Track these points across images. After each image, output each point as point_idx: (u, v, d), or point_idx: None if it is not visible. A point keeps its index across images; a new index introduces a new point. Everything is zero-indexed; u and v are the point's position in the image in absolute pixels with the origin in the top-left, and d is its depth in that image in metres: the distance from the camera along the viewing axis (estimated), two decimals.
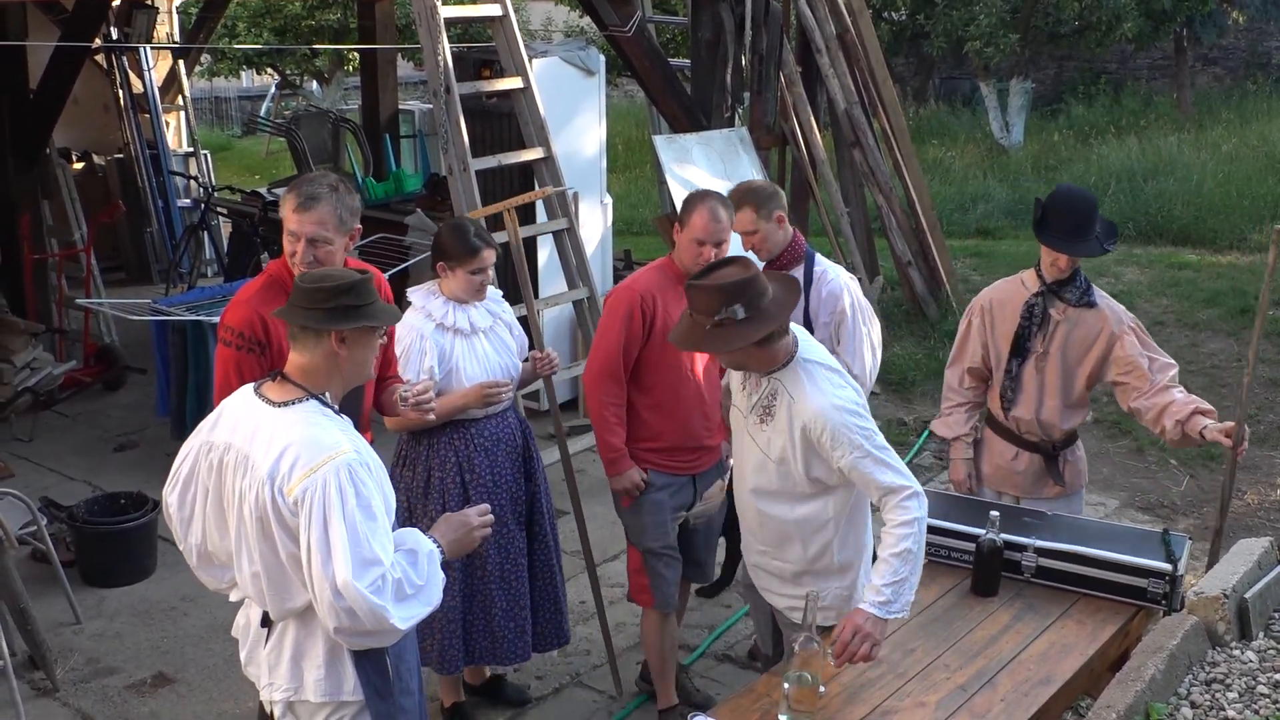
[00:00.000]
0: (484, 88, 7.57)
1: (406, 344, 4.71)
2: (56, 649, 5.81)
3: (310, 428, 3.23)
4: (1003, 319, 5.14)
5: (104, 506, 6.63)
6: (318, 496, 3.13)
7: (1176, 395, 4.94)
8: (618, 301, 4.82)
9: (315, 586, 3.16)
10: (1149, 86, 21.54)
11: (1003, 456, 5.24)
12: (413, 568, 3.27)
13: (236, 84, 28.43)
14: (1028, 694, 3.90)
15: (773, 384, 3.93)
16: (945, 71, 24.04)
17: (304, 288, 3.28)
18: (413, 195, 10.95)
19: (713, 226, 4.66)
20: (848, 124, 10.42)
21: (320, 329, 3.26)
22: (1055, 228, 4.97)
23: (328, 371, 3.33)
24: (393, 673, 3.44)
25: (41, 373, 8.72)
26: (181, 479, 3.48)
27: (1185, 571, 4.47)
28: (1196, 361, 9.65)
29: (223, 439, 3.34)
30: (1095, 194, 5.86)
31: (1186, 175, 14.74)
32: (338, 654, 3.36)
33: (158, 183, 12.99)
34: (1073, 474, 5.20)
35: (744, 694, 3.94)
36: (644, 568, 5.02)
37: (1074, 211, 5.00)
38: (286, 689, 3.40)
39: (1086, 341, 5.02)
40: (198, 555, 3.54)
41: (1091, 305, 5.02)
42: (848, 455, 3.82)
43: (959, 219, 14.56)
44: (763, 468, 4.04)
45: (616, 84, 23.46)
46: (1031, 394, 5.11)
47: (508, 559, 4.96)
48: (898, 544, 3.77)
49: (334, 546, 3.12)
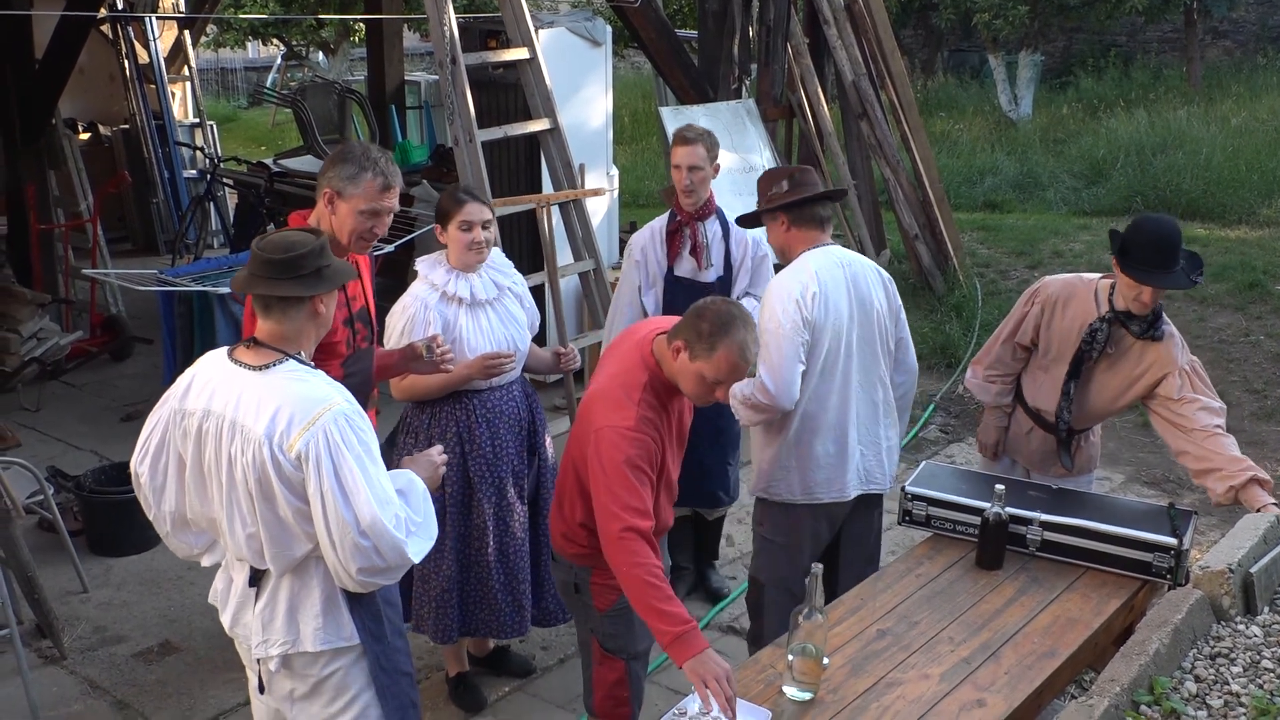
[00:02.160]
0: (490, 58, 7.54)
1: (411, 313, 4.71)
2: (64, 617, 5.83)
3: (298, 384, 3.28)
4: (1062, 325, 4.93)
5: (111, 476, 6.66)
6: (322, 447, 3.19)
7: (1225, 448, 4.71)
8: (631, 448, 3.79)
9: (334, 532, 3.22)
10: (1158, 60, 21.42)
11: (1018, 427, 5.22)
12: (409, 505, 3.38)
13: (242, 55, 28.34)
14: (1032, 667, 3.89)
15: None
16: (954, 44, 23.93)
17: (276, 259, 3.28)
18: (419, 167, 10.92)
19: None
20: (855, 96, 10.38)
21: (303, 296, 3.30)
22: (1140, 259, 4.62)
23: (307, 332, 3.40)
24: (383, 616, 3.55)
25: (48, 343, 8.74)
26: (152, 449, 3.51)
27: (1190, 546, 4.45)
28: (1204, 336, 9.62)
29: (198, 406, 3.35)
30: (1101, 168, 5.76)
31: (1196, 149, 14.66)
32: (333, 602, 3.43)
33: (164, 153, 13.00)
34: (1084, 459, 5.14)
35: (748, 666, 3.92)
36: (626, 677, 4.20)
37: (1161, 241, 4.63)
38: (284, 642, 3.44)
39: (1132, 373, 4.84)
40: (172, 522, 3.58)
41: (1157, 339, 4.78)
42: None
43: (966, 192, 14.53)
44: None
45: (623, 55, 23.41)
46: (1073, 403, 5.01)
47: (506, 532, 4.96)
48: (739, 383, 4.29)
49: (352, 490, 3.21)
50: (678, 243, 5.49)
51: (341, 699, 3.51)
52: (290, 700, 3.55)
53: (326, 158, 4.12)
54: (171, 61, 14.20)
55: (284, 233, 3.45)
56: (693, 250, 5.47)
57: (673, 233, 5.49)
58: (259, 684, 3.58)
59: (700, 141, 5.35)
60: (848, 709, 3.65)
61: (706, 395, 3.84)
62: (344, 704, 3.52)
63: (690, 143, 5.35)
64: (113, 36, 12.91)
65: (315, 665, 3.47)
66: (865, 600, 4.34)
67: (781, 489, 4.69)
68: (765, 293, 4.57)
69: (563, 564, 4.17)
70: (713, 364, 3.72)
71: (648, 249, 5.50)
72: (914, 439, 8.22)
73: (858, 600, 4.35)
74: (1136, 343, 4.78)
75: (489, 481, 4.89)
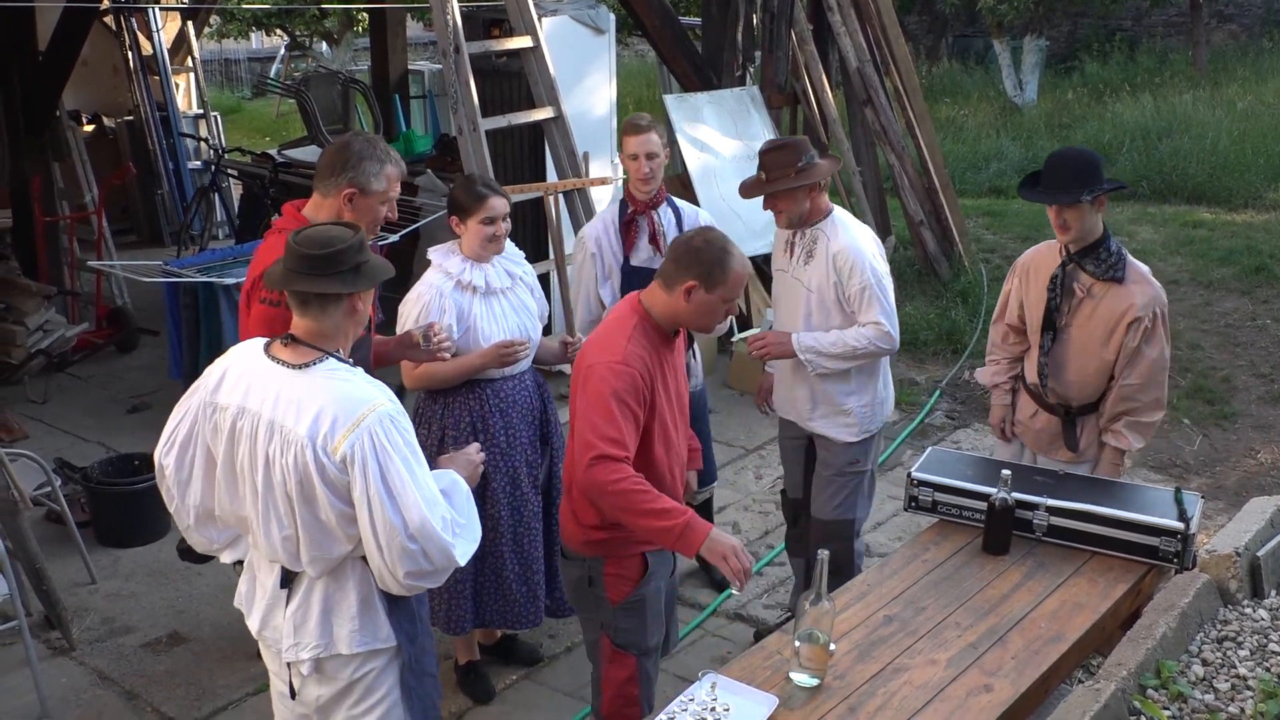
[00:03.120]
0: (493, 47, 7.54)
1: (426, 301, 4.71)
2: (72, 609, 5.84)
3: (340, 384, 3.22)
4: (1035, 285, 5.04)
5: (118, 467, 6.68)
6: (368, 449, 3.14)
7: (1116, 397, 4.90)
8: (618, 381, 3.81)
9: (381, 536, 3.18)
10: (1164, 44, 21.34)
11: (1023, 412, 5.23)
12: (453, 506, 3.34)
13: (246, 45, 28.30)
14: (1039, 652, 3.88)
15: (814, 233, 4.93)
16: (958, 29, 23.84)
17: (316, 254, 3.19)
18: (423, 156, 10.91)
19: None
20: (860, 82, 10.36)
21: (341, 293, 3.23)
22: (1028, 182, 4.89)
23: (345, 330, 3.33)
24: (416, 615, 3.52)
25: (54, 335, 8.74)
26: (179, 441, 3.45)
27: (1197, 530, 4.44)
28: (1210, 320, 9.60)
29: (232, 402, 3.29)
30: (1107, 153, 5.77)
31: (1201, 133, 14.63)
32: (369, 604, 3.39)
33: (168, 145, 13.00)
34: (1089, 442, 5.08)
35: (755, 652, 3.92)
36: (637, 675, 4.13)
37: (1052, 161, 4.82)
38: (316, 645, 3.39)
39: (1110, 322, 4.82)
40: (196, 516, 3.52)
41: (1119, 281, 4.79)
42: (856, 282, 4.82)
43: (972, 178, 14.50)
44: (805, 303, 4.95)
45: (627, 43, 23.36)
46: (1050, 363, 5.04)
47: (520, 522, 4.97)
48: (851, 336, 4.87)
49: (399, 493, 3.16)
50: (634, 233, 5.50)
51: (369, 700, 3.48)
52: (317, 704, 3.50)
53: (328, 154, 4.09)
54: (175, 52, 14.20)
55: (321, 227, 3.37)
56: (651, 239, 5.49)
57: (628, 223, 5.50)
58: (289, 690, 3.52)
59: (653, 129, 5.39)
60: (854, 694, 3.65)
61: (721, 318, 4.00)
62: (370, 705, 3.48)
63: (644, 130, 5.36)
64: (116, 28, 12.91)
65: (348, 668, 3.43)
66: (872, 586, 4.34)
67: (877, 422, 5.17)
68: (850, 249, 4.84)
69: (574, 559, 4.10)
70: (729, 285, 3.88)
71: (601, 241, 5.48)
72: (920, 425, 8.21)
73: (864, 586, 4.35)
74: (1110, 288, 4.79)
75: (503, 471, 4.90)
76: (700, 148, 9.11)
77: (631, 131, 5.38)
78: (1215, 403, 8.35)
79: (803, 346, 4.92)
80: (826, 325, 4.95)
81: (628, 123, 5.43)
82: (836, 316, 4.93)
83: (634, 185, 5.45)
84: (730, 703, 3.55)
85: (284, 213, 4.20)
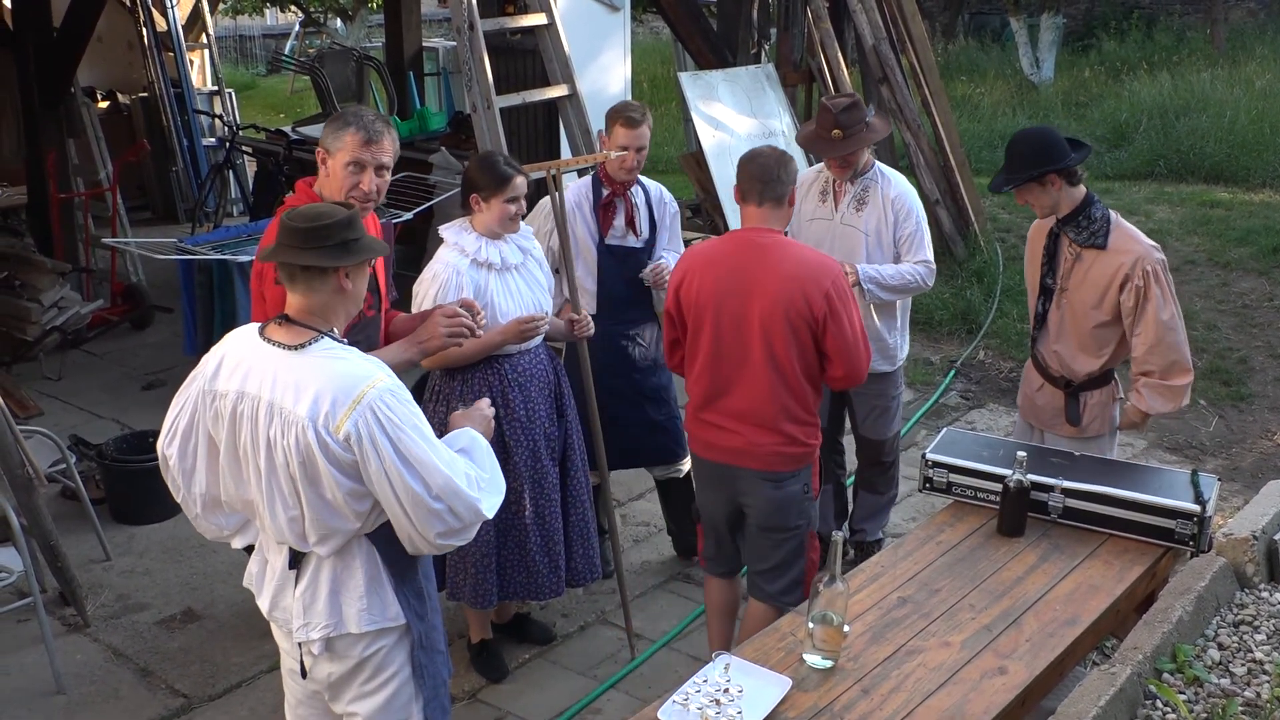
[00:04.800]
0: (508, 24, 7.50)
1: (443, 279, 4.69)
2: (87, 585, 5.86)
3: (337, 363, 3.21)
4: (1032, 256, 5.15)
5: (133, 444, 6.67)
6: (374, 425, 3.14)
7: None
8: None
9: (406, 505, 3.20)
10: (1182, 21, 21.20)
11: (1030, 385, 5.25)
12: (476, 462, 3.38)
13: (260, 22, 28.35)
14: (1053, 634, 3.89)
15: (864, 181, 5.44)
16: (975, 6, 23.73)
17: (302, 227, 3.21)
18: (437, 134, 10.89)
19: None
20: (875, 60, 10.30)
21: (327, 267, 3.23)
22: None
23: (335, 308, 3.32)
24: (424, 592, 3.52)
25: (69, 312, 8.75)
26: (180, 430, 3.45)
27: (1214, 512, 4.43)
28: (1227, 301, 9.56)
29: (231, 387, 3.29)
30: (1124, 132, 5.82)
31: (1219, 112, 14.51)
32: (377, 581, 3.39)
33: (182, 121, 12.99)
34: (1091, 417, 5.07)
35: (769, 634, 3.94)
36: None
37: (1011, 150, 5.01)
38: (325, 625, 3.39)
39: (1101, 284, 4.85)
40: (203, 504, 3.53)
41: (1101, 248, 4.84)
42: (909, 225, 5.40)
43: (988, 157, 14.38)
44: (863, 246, 5.42)
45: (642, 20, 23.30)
46: (1052, 329, 5.08)
47: (542, 494, 4.98)
48: (904, 269, 5.39)
49: (418, 460, 3.18)
50: (611, 214, 5.56)
51: (379, 677, 3.48)
52: (328, 681, 3.51)
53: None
54: (189, 29, 14.19)
55: (313, 204, 3.39)
56: (629, 220, 5.57)
57: (605, 205, 5.54)
58: (300, 669, 3.52)
59: (645, 121, 5.46)
60: (868, 676, 3.66)
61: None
62: (380, 682, 3.49)
63: (639, 124, 5.41)
64: (130, 4, 12.88)
65: (358, 646, 3.43)
66: (886, 568, 4.35)
67: (905, 352, 5.80)
68: (905, 195, 5.45)
69: (789, 476, 4.52)
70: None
71: (576, 212, 5.52)
72: (935, 405, 8.19)
73: (878, 568, 4.36)
74: (1097, 254, 4.86)
75: (524, 444, 4.91)
76: (715, 126, 9.08)
77: (628, 124, 5.39)
78: (1232, 384, 8.31)
79: (866, 276, 5.29)
80: (881, 264, 5.42)
81: (622, 114, 5.43)
82: (889, 255, 5.44)
83: (616, 171, 5.49)
84: (744, 684, 3.56)
85: (296, 189, 4.19)
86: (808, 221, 5.55)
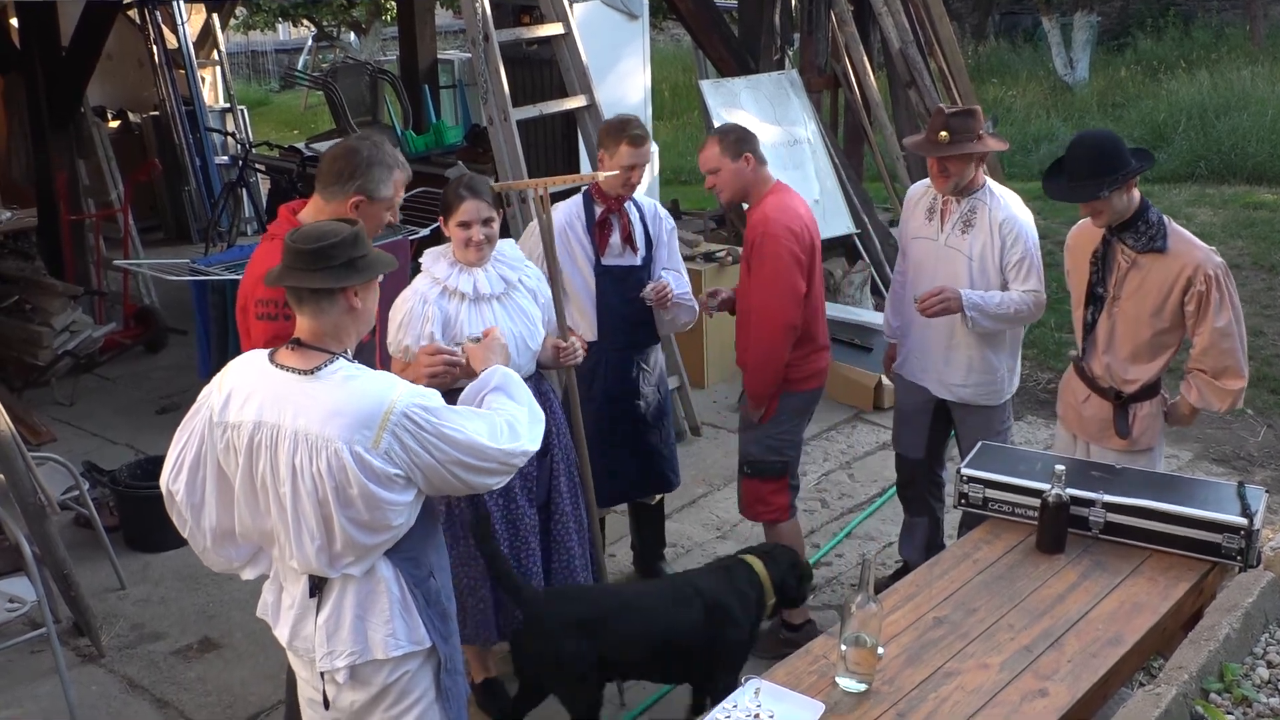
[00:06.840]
0: (524, 34, 7.47)
1: (408, 308, 4.51)
2: (101, 615, 5.81)
3: (357, 383, 3.21)
4: (1077, 265, 5.05)
5: (147, 470, 6.58)
6: (410, 428, 3.19)
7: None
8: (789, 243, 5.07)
9: (463, 480, 3.33)
10: (1220, 18, 21.09)
11: (1075, 395, 5.14)
12: (513, 398, 3.56)
13: (272, 37, 28.44)
14: (1096, 655, 3.81)
15: (972, 202, 5.25)
16: (1005, 6, 23.69)
17: (307, 248, 3.19)
18: (453, 147, 10.90)
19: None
20: (903, 64, 10.17)
21: (335, 288, 3.21)
22: (1049, 171, 4.97)
23: (346, 328, 3.31)
24: (448, 614, 3.54)
25: (81, 335, 8.70)
26: (187, 464, 3.41)
27: (1262, 526, 4.34)
28: (1273, 306, 9.43)
29: (246, 417, 3.25)
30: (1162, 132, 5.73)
31: (1261, 110, 14.41)
32: (404, 605, 3.39)
33: (194, 140, 13.04)
34: (1142, 429, 4.97)
35: (801, 656, 3.87)
36: None
37: (1068, 150, 4.88)
38: (351, 652, 3.36)
39: (1162, 290, 4.75)
40: (213, 537, 3.48)
41: (1161, 251, 4.74)
42: (1018, 251, 5.16)
43: (1021, 160, 14.29)
44: (967, 270, 5.24)
45: (661, 28, 23.31)
46: (1101, 339, 4.97)
47: (516, 536, 4.73)
48: (1011, 298, 5.17)
49: (467, 447, 3.29)
50: (607, 232, 5.37)
51: (403, 703, 3.46)
52: (351, 710, 3.47)
53: (334, 159, 3.98)
54: (200, 46, 14.21)
55: (318, 223, 3.38)
56: (626, 237, 5.39)
57: (600, 223, 5.36)
58: (323, 699, 3.48)
59: (648, 139, 5.38)
60: (904, 700, 3.60)
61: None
62: (405, 707, 3.46)
63: (644, 141, 5.29)
64: (140, 21, 12.93)
65: (383, 672, 3.41)
66: (921, 587, 4.29)
67: (1013, 385, 5.54)
68: (1014, 219, 5.19)
69: None
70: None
71: (568, 234, 5.34)
72: None
73: (913, 587, 4.30)
74: (1156, 258, 4.76)
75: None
76: None
77: (634, 143, 5.24)
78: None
79: (970, 303, 5.12)
80: (986, 291, 5.24)
81: (626, 133, 5.26)
82: (995, 282, 5.22)
83: (614, 188, 5.33)
84: (775, 709, 3.51)
85: (279, 215, 4.09)
86: (912, 240, 5.47)
